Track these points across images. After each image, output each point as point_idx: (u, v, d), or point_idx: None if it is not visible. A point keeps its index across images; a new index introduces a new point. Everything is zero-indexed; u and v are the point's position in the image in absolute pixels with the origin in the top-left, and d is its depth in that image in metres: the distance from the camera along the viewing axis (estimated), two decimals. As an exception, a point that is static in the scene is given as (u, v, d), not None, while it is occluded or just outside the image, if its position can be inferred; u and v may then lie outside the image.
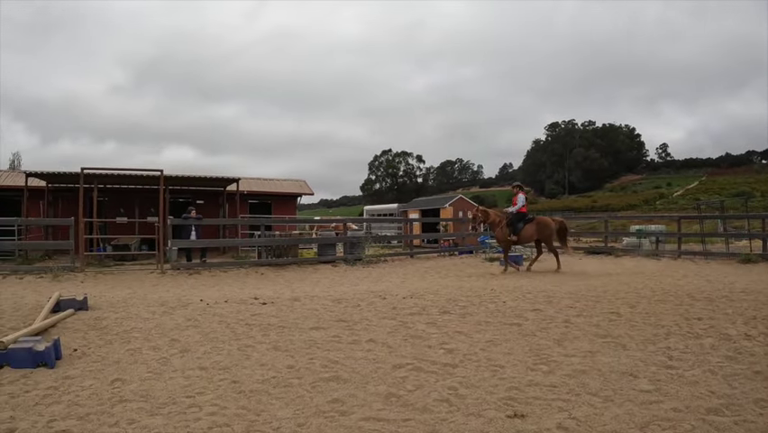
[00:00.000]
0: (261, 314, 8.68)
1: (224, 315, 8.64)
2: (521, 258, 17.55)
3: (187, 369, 5.71)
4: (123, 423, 4.25)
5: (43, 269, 15.67)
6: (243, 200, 27.13)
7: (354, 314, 8.55)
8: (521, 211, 15.94)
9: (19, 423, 4.28)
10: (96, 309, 9.16)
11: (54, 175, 22.07)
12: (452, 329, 7.37)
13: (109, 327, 7.83)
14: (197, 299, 10.21)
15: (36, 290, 12.11)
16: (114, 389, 5.08)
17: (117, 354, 6.34)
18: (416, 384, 5.03)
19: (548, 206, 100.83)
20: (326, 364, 5.74)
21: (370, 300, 9.77)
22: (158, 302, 9.88)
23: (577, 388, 4.86)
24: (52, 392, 5.00)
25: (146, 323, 8.07)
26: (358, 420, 4.19)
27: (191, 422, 4.23)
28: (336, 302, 9.66)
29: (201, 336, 7.25)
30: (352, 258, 18.55)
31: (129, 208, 24.82)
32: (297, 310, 8.96)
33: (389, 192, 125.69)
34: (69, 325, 7.92)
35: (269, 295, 10.80)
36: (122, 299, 10.32)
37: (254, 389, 5.00)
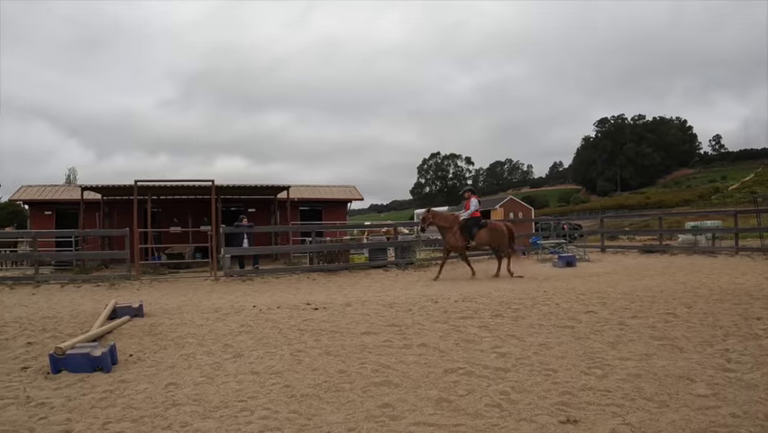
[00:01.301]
0: (313, 319, 8.73)
1: (276, 320, 8.73)
2: (574, 258, 17.26)
3: (239, 373, 5.81)
4: (176, 426, 4.36)
5: (100, 278, 16.24)
6: (294, 207, 27.37)
7: (406, 318, 8.52)
8: (474, 216, 15.76)
9: (75, 425, 4.44)
10: (151, 316, 9.41)
11: (108, 188, 22.80)
12: (504, 333, 7.28)
13: (164, 332, 8.02)
14: (250, 306, 10.35)
15: (93, 298, 12.54)
16: (167, 393, 5.21)
17: (171, 359, 6.50)
18: (467, 389, 5.00)
19: (600, 204, 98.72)
20: (377, 369, 5.75)
21: (421, 304, 9.71)
22: (211, 309, 10.08)
23: (632, 392, 4.75)
24: (108, 396, 5.16)
25: (200, 329, 8.24)
26: (408, 425, 4.20)
27: (243, 426, 4.30)
28: (388, 307, 9.64)
29: (254, 341, 7.35)
30: (404, 262, 18.55)
31: (182, 218, 25.33)
32: (348, 315, 8.99)
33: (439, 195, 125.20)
34: (125, 331, 8.16)
35: (321, 300, 10.86)
36: (176, 306, 10.58)
37: (306, 393, 5.04)
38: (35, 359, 6.67)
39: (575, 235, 28.87)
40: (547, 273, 15.27)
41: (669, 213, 38.66)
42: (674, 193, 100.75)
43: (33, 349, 7.19)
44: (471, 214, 15.65)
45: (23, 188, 28.40)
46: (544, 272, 15.59)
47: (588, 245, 23.14)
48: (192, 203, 26.02)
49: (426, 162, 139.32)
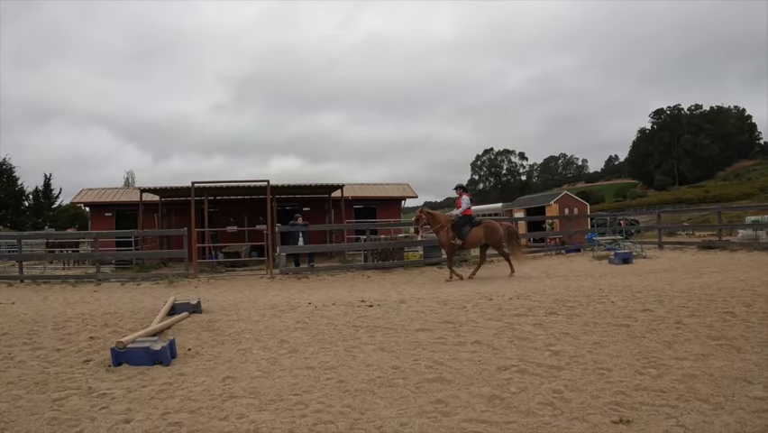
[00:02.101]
0: (368, 316, 8.79)
1: (331, 317, 8.82)
2: (631, 255, 16.91)
3: (295, 368, 5.90)
4: (233, 417, 4.47)
5: (159, 276, 16.74)
6: (348, 206, 27.57)
7: (460, 315, 8.49)
8: (466, 214, 15.32)
9: (134, 415, 4.61)
10: (209, 312, 9.63)
11: (166, 190, 23.41)
12: (558, 330, 7.20)
13: (221, 328, 8.20)
14: (306, 302, 10.47)
15: (153, 295, 12.92)
16: (225, 386, 5.34)
17: (229, 354, 6.64)
18: (520, 386, 4.98)
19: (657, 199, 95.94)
20: (431, 365, 5.76)
21: (475, 302, 9.66)
22: (267, 305, 10.23)
23: (686, 393, 4.64)
24: (167, 388, 5.32)
25: (256, 325, 8.38)
26: (460, 421, 4.20)
27: (297, 418, 4.38)
28: (442, 304, 9.62)
29: (309, 337, 7.44)
30: (458, 259, 18.44)
31: (238, 218, 25.78)
32: (403, 312, 9.00)
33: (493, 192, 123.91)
34: (184, 326, 8.39)
35: (375, 298, 10.91)
36: (233, 303, 10.79)
37: (359, 388, 5.10)
38: (97, 352, 6.92)
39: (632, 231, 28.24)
40: (603, 271, 14.99)
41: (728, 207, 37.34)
42: (734, 186, 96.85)
43: (95, 343, 7.46)
44: (463, 212, 15.23)
45: (84, 192, 29.44)
46: (600, 270, 15.31)
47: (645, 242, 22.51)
48: (248, 203, 26.47)
49: (480, 158, 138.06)
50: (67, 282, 16.49)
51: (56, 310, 10.71)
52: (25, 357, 6.86)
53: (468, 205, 15.32)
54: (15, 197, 53.97)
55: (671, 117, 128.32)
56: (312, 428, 4.19)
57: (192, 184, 18.49)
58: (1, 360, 6.77)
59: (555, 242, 25.75)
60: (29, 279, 17.21)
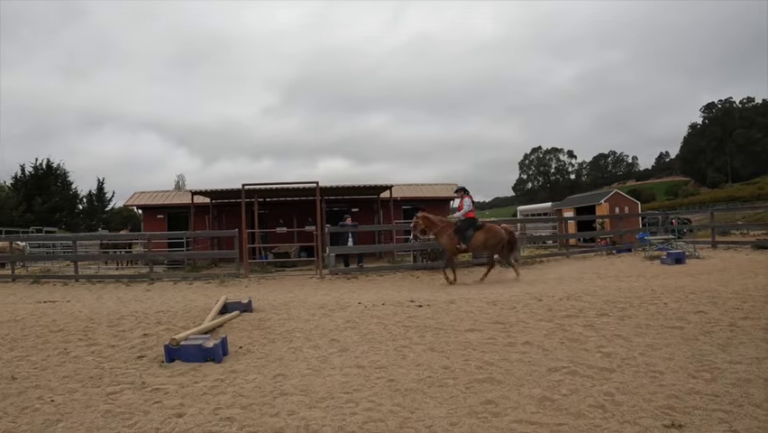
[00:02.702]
0: (418, 316, 8.74)
1: (381, 317, 8.81)
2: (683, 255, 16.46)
3: (345, 367, 5.92)
4: (284, 414, 4.51)
5: (210, 275, 17.04)
6: (397, 206, 27.52)
7: (510, 316, 8.40)
8: (469, 216, 14.90)
9: (187, 409, 4.70)
10: (259, 311, 9.70)
11: (217, 192, 23.83)
12: (610, 332, 7.06)
13: (272, 327, 8.27)
14: (355, 302, 10.46)
15: (204, 294, 13.17)
16: (276, 383, 5.40)
17: (280, 352, 6.70)
18: (571, 388, 4.92)
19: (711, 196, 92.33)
20: (481, 366, 5.72)
21: (525, 302, 9.52)
22: (317, 305, 10.26)
23: (740, 398, 4.52)
24: (218, 384, 5.41)
25: (307, 324, 8.42)
26: (510, 422, 4.18)
27: (347, 416, 4.41)
28: (492, 304, 9.51)
29: (359, 336, 7.46)
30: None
31: (287, 219, 26.00)
32: (452, 313, 8.93)
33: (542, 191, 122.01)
34: (235, 325, 8.49)
35: (425, 298, 10.85)
36: (283, 302, 10.85)
37: (409, 388, 5.09)
38: (150, 349, 7.07)
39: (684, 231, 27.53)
40: (655, 271, 14.64)
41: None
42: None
43: (149, 340, 7.62)
44: (465, 214, 14.85)
45: (137, 195, 30.20)
46: (652, 270, 14.96)
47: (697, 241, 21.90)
48: (297, 204, 26.71)
49: (528, 157, 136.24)
50: (120, 282, 16.90)
51: (110, 308, 10.96)
52: (80, 353, 7.06)
53: (469, 207, 14.92)
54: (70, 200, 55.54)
55: (722, 111, 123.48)
56: (362, 426, 4.21)
57: (243, 186, 18.78)
58: (57, 355, 7.00)
59: (606, 242, 25.32)
60: (84, 278, 17.71)
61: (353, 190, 25.32)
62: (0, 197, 50.43)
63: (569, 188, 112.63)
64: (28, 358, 6.91)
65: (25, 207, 49.48)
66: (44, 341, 7.90)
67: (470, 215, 14.83)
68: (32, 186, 52.32)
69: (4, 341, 8.05)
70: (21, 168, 53.97)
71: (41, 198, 51.00)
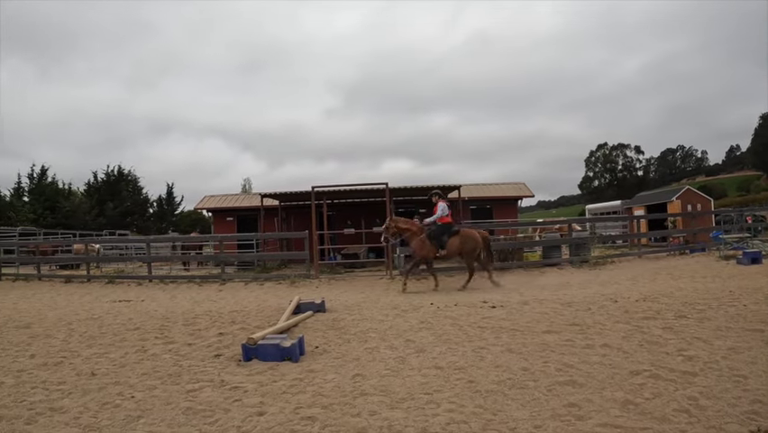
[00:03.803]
0: (492, 317, 8.66)
1: (455, 317, 8.74)
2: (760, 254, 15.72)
3: (423, 368, 5.86)
4: (365, 414, 4.48)
5: (281, 276, 17.31)
6: (464, 206, 27.34)
7: (586, 318, 8.24)
8: (443, 221, 14.30)
9: (267, 408, 4.72)
10: (332, 312, 9.76)
11: (285, 195, 24.24)
12: (689, 335, 6.85)
13: (346, 327, 8.28)
14: (428, 303, 10.42)
15: (275, 295, 13.37)
16: (354, 383, 5.38)
17: (356, 352, 6.69)
18: (653, 392, 4.79)
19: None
20: (561, 368, 5.62)
21: (600, 304, 9.36)
22: (390, 305, 10.26)
23: (827, 403, 4.32)
24: (297, 383, 5.42)
25: (381, 324, 8.41)
26: (594, 426, 4.10)
27: (429, 417, 4.35)
28: (566, 306, 9.38)
29: (434, 337, 7.39)
30: (578, 260, 17.87)
31: (355, 220, 26.10)
32: (527, 314, 8.84)
33: (609, 188, 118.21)
34: (309, 325, 8.54)
35: (497, 298, 10.75)
36: (355, 303, 10.91)
37: (490, 389, 5.02)
38: (227, 348, 7.15)
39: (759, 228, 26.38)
40: (731, 272, 14.07)
41: None
42: None
43: (224, 339, 7.73)
44: (439, 219, 14.30)
45: (206, 198, 30.96)
46: (728, 271, 14.38)
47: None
48: (364, 205, 26.78)
49: (594, 154, 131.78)
50: (192, 282, 17.33)
51: (184, 308, 11.21)
52: (158, 351, 7.20)
53: (444, 212, 14.36)
54: (141, 204, 57.58)
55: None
56: (445, 427, 4.17)
57: (312, 188, 19.00)
58: (135, 353, 7.16)
59: (678, 241, 24.48)
60: (157, 278, 18.26)
61: (421, 191, 25.25)
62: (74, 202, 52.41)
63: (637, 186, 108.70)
64: (106, 355, 7.09)
65: (98, 212, 51.49)
66: (122, 339, 8.11)
67: (444, 219, 14.32)
68: (105, 191, 54.58)
69: (83, 338, 8.31)
70: (93, 174, 56.57)
71: (112, 203, 53.05)
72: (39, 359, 7.05)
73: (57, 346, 7.80)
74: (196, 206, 32.67)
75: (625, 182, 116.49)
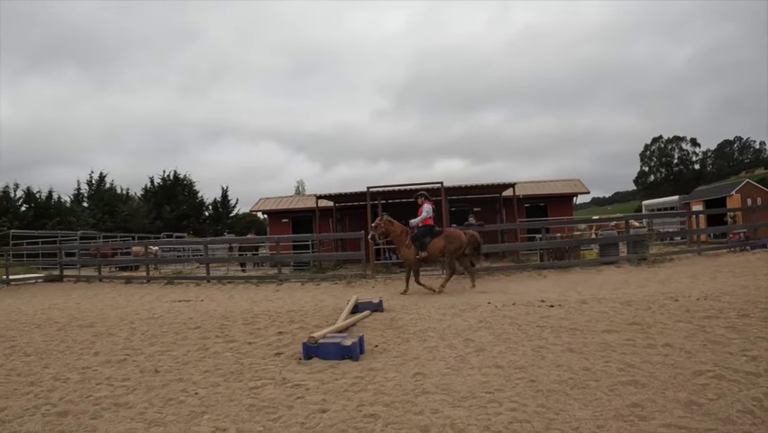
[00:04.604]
0: (551, 316, 8.61)
1: (513, 317, 8.70)
2: None
3: (483, 367, 5.84)
4: (428, 412, 4.49)
5: (337, 276, 17.47)
6: (519, 204, 27.10)
7: (646, 317, 8.11)
8: (426, 223, 14.08)
9: (330, 405, 4.77)
10: (390, 311, 9.82)
11: (340, 196, 24.58)
12: (753, 334, 6.66)
13: (405, 326, 8.31)
14: (485, 302, 10.37)
15: (332, 295, 13.50)
16: (415, 381, 5.39)
17: (415, 351, 6.69)
18: (717, 393, 4.69)
19: None
20: (622, 368, 5.55)
21: (661, 303, 9.19)
22: (447, 305, 10.24)
23: None
24: (358, 381, 5.47)
25: (439, 324, 8.41)
26: (658, 427, 4.04)
27: (492, 416, 4.35)
28: (626, 305, 9.25)
29: (493, 336, 7.36)
30: (636, 258, 17.47)
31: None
32: (586, 313, 8.75)
33: (665, 183, 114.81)
34: (368, 324, 8.60)
35: (555, 297, 10.67)
36: (413, 302, 10.96)
37: (552, 389, 4.98)
38: (287, 346, 7.26)
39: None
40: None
41: None
42: None
43: (284, 338, 7.85)
44: (423, 221, 14.13)
45: (262, 201, 31.47)
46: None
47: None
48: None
49: (648, 148, 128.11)
50: (250, 282, 17.60)
51: (243, 307, 11.41)
52: (219, 349, 7.36)
53: (428, 214, 14.20)
54: (196, 207, 59.05)
55: None
56: (507, 426, 4.16)
57: (368, 189, 19.09)
58: (197, 351, 7.33)
59: (739, 237, 23.70)
60: (215, 279, 18.60)
61: (476, 189, 25.20)
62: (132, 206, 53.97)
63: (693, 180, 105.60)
64: (169, 353, 7.28)
65: (155, 215, 53.07)
66: (183, 337, 8.31)
67: (427, 221, 14.16)
68: (161, 195, 56.27)
69: (145, 337, 8.55)
70: (150, 180, 58.43)
71: (169, 207, 54.59)
72: (103, 356, 7.29)
73: (120, 344, 8.05)
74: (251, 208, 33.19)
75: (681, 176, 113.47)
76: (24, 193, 48.84)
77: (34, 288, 19.77)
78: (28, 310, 12.77)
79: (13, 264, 24.25)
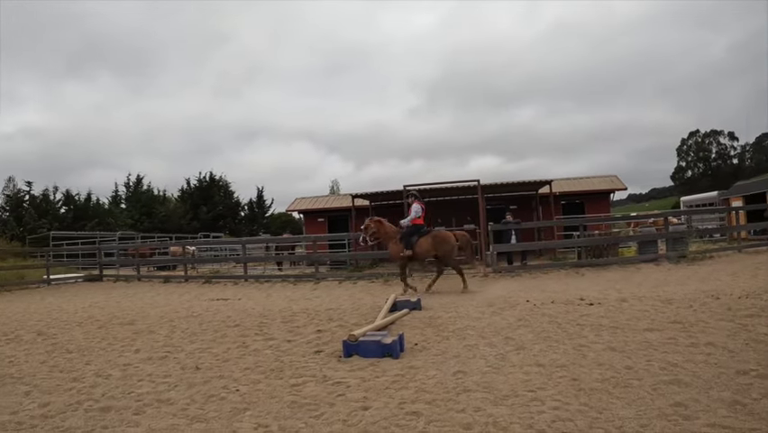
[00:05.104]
0: (590, 314, 8.56)
1: (552, 315, 8.67)
2: None
3: (524, 365, 5.82)
4: (470, 410, 4.47)
5: (373, 275, 17.52)
6: (555, 201, 26.90)
7: (688, 315, 8.02)
8: (415, 223, 14.03)
9: (372, 403, 4.78)
10: (428, 309, 9.82)
11: (376, 195, 24.71)
12: None
13: (443, 324, 8.31)
14: (523, 300, 10.34)
15: (369, 293, 13.54)
16: (457, 379, 5.38)
17: (455, 349, 6.69)
18: (761, 392, 4.61)
19: None
20: (665, 367, 5.48)
21: (702, 301, 9.10)
22: (485, 303, 10.23)
23: None
24: (399, 379, 5.47)
25: (478, 322, 8.40)
26: (702, 426, 3.98)
27: (534, 415, 4.32)
28: (666, 303, 9.16)
29: (533, 334, 7.33)
30: (675, 255, 17.17)
31: (445, 218, 26.03)
32: (626, 311, 8.69)
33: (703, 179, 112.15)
34: (407, 322, 8.61)
35: (594, 296, 10.59)
36: (451, 301, 10.95)
37: (594, 387, 4.94)
38: (326, 344, 7.31)
39: None
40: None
41: None
42: None
43: (323, 336, 7.91)
44: (411, 221, 14.09)
45: (298, 200, 31.69)
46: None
47: None
48: (454, 203, 26.75)
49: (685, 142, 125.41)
50: (287, 281, 17.74)
51: (281, 306, 11.51)
52: (259, 346, 7.44)
53: (417, 214, 14.15)
54: (232, 208, 59.82)
55: None
56: (550, 424, 4.13)
57: (404, 187, 19.08)
58: (237, 348, 7.41)
59: (780, 233, 23.14)
60: (252, 278, 18.80)
61: (512, 187, 25.06)
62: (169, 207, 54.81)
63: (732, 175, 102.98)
64: (209, 350, 7.37)
65: (192, 216, 53.75)
66: (222, 335, 8.41)
67: (417, 221, 14.14)
68: (197, 196, 57.07)
69: (185, 334, 8.67)
70: (186, 181, 59.37)
71: (205, 207, 55.25)
72: (144, 354, 7.41)
73: (160, 342, 8.18)
74: (287, 208, 33.46)
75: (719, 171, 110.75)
76: (64, 196, 50.14)
77: (74, 287, 20.21)
78: (69, 309, 13.03)
79: (53, 264, 24.71)
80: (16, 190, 48.40)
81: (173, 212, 53.67)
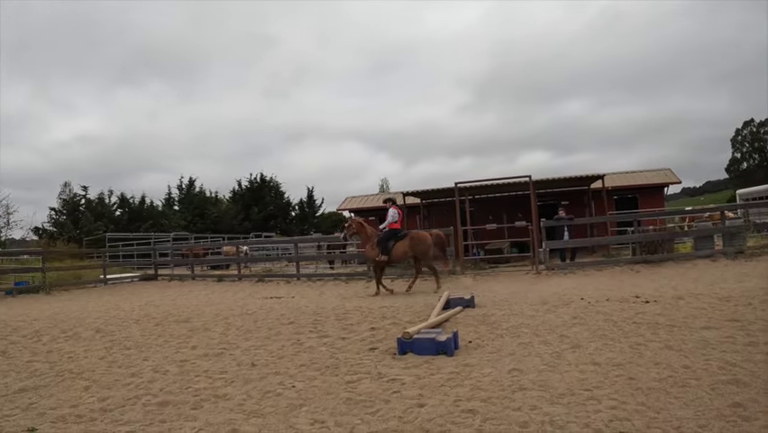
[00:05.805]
0: (646, 312, 8.44)
1: (607, 313, 8.57)
2: None
3: (580, 363, 5.76)
4: (526, 408, 4.44)
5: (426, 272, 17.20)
6: (608, 196, 26.49)
7: (747, 313, 7.86)
8: (392, 227, 14.40)
9: (427, 400, 4.78)
10: (481, 307, 9.81)
11: (428, 192, 24.85)
12: None
13: (497, 322, 8.28)
14: (578, 298, 10.25)
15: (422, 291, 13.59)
16: (512, 377, 5.35)
17: (510, 347, 6.66)
18: None
19: None
20: (723, 366, 5.37)
21: (762, 298, 8.89)
22: (539, 300, 10.17)
23: None
24: (454, 377, 5.46)
25: (532, 320, 8.35)
26: (761, 427, 3.89)
27: (591, 414, 4.27)
28: (724, 300, 8.99)
29: (589, 332, 7.26)
30: (732, 251, 16.73)
31: (496, 214, 25.90)
32: (683, 309, 8.55)
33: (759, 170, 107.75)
34: (460, 320, 8.61)
35: (649, 293, 10.46)
36: (504, 298, 10.92)
37: (651, 387, 4.87)
38: (380, 342, 7.35)
39: None
40: None
41: None
42: None
43: (377, 333, 7.95)
44: (388, 225, 14.49)
45: (348, 199, 32.00)
46: None
47: None
48: (505, 199, 26.57)
49: (740, 133, 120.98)
50: (339, 279, 17.90)
51: (334, 303, 11.63)
52: (313, 344, 7.51)
53: (393, 219, 14.50)
54: (283, 208, 60.87)
55: None
56: (608, 424, 4.07)
57: (455, 184, 19.08)
58: (291, 345, 7.51)
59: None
60: (304, 276, 19.04)
61: (563, 182, 24.81)
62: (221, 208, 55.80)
63: None
64: (264, 347, 7.47)
65: (243, 216, 54.80)
66: (277, 332, 8.52)
67: (393, 225, 14.40)
68: (249, 197, 58.21)
69: (240, 332, 8.81)
70: (237, 182, 60.60)
71: (257, 208, 56.26)
72: (200, 350, 7.54)
73: (216, 339, 8.31)
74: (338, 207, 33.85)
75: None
76: (119, 199, 51.71)
77: (130, 286, 20.77)
78: (125, 307, 13.34)
79: (109, 265, 25.41)
80: (72, 195, 49.93)
81: (225, 213, 54.64)
